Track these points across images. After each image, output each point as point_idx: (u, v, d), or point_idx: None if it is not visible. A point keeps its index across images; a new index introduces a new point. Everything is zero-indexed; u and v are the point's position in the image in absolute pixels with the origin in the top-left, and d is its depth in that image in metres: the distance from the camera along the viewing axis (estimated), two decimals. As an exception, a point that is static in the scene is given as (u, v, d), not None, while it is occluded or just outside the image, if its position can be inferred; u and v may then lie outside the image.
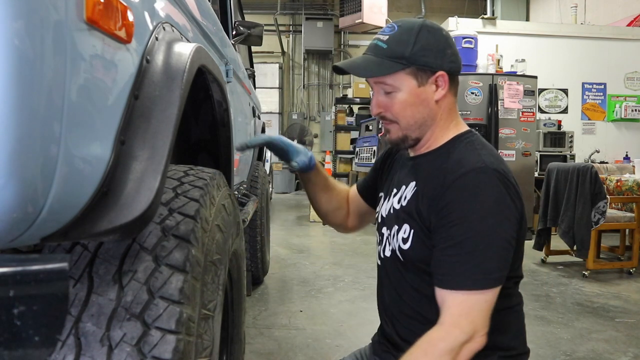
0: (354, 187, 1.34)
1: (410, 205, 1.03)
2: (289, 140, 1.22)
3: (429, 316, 0.97)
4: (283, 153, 1.22)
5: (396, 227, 1.06)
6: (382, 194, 1.20)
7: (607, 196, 3.53)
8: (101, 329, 0.66)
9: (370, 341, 1.21)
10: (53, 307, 0.51)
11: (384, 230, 1.12)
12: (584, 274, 3.57)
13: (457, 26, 5.78)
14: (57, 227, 0.57)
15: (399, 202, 1.07)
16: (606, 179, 4.09)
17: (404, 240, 1.02)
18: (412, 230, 1.01)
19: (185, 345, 0.69)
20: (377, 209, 1.20)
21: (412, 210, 1.02)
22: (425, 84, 1.01)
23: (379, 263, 1.15)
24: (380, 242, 1.15)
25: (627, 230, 4.03)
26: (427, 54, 1.00)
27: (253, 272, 2.95)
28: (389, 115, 1.04)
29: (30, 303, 0.50)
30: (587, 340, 2.36)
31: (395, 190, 1.11)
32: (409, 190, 1.06)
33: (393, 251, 1.06)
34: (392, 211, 1.09)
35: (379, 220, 1.16)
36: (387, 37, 1.01)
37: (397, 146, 1.10)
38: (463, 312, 0.89)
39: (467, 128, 1.09)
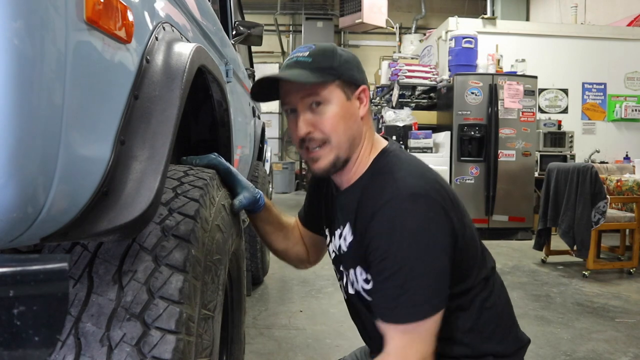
0: (297, 219, 1.29)
1: (354, 249, 1.01)
2: (236, 172, 1.11)
3: None
4: (227, 184, 1.10)
5: (352, 270, 1.03)
6: (326, 227, 1.16)
7: (607, 196, 3.53)
8: (101, 329, 0.66)
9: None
10: (53, 307, 0.51)
11: (342, 267, 1.10)
12: (584, 274, 3.57)
13: (457, 26, 5.77)
14: (57, 227, 0.57)
15: (345, 243, 1.05)
16: (606, 179, 4.09)
17: (366, 281, 1.00)
18: (369, 271, 0.98)
19: (185, 345, 0.69)
20: (327, 242, 1.16)
21: (357, 255, 1.00)
22: (351, 99, 0.99)
23: (345, 297, 1.13)
24: (340, 278, 1.13)
25: (627, 230, 4.03)
26: (350, 67, 0.99)
27: (253, 272, 2.95)
28: (318, 135, 0.98)
29: (30, 303, 0.50)
30: (587, 340, 2.36)
31: (336, 230, 1.09)
32: (346, 232, 1.04)
33: (357, 292, 1.04)
34: (342, 252, 1.07)
35: (332, 256, 1.14)
36: (308, 52, 0.98)
37: (326, 174, 1.03)
38: (407, 344, 0.89)
39: (384, 144, 1.05)
